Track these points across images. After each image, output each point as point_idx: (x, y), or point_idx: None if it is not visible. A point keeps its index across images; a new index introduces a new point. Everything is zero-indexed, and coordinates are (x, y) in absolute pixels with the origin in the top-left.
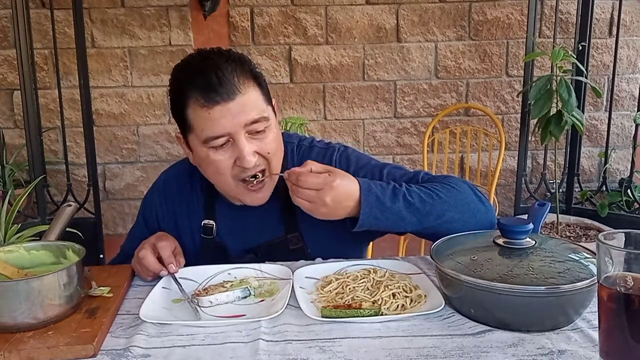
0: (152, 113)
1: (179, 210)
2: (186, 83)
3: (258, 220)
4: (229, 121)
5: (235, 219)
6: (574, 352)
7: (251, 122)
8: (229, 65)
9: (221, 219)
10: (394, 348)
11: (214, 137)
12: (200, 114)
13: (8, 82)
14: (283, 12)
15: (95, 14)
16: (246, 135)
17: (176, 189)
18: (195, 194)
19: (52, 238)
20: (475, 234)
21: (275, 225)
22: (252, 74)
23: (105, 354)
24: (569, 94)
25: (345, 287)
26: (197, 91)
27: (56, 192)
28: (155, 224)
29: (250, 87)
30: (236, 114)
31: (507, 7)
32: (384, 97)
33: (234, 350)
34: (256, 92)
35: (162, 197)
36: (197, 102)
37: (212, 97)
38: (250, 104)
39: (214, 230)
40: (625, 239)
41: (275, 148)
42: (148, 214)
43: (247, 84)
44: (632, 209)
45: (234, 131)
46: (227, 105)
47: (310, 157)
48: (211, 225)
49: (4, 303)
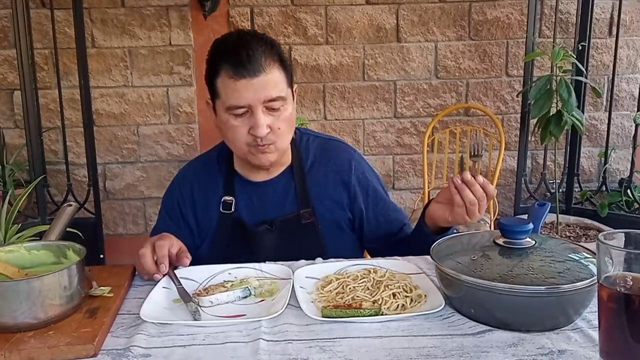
0: (152, 113)
1: (197, 193)
2: (220, 56)
3: (274, 197)
4: (250, 94)
5: (253, 195)
6: (574, 352)
7: (269, 100)
8: (260, 47)
9: (240, 195)
10: (394, 348)
11: (236, 106)
12: (228, 84)
13: (8, 82)
14: (283, 12)
15: (95, 14)
16: (263, 109)
17: (194, 177)
18: (214, 177)
19: (53, 238)
20: (476, 234)
21: (290, 201)
22: (279, 57)
23: (105, 353)
24: (569, 94)
25: (346, 286)
26: (228, 64)
27: (56, 192)
28: (177, 212)
29: (274, 69)
30: (258, 90)
31: (507, 7)
32: (384, 97)
33: (235, 350)
34: (280, 74)
35: (182, 186)
36: (227, 74)
37: (240, 71)
38: (272, 83)
39: (232, 206)
40: (625, 239)
41: (286, 126)
42: (169, 205)
43: (272, 65)
44: (632, 209)
45: (253, 104)
46: (251, 81)
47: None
48: (230, 201)
49: (5, 303)
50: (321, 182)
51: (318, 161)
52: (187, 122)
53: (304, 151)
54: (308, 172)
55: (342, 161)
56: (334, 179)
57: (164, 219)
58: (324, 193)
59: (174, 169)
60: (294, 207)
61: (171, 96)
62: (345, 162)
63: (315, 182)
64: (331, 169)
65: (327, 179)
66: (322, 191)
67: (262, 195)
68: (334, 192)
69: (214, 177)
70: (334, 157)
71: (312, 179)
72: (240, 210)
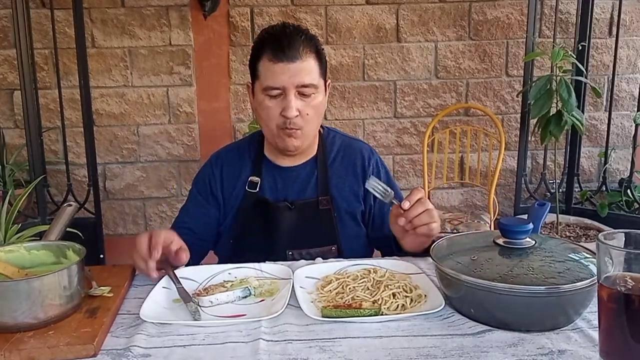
0: (152, 113)
1: (226, 172)
2: (264, 41)
3: (297, 182)
4: (286, 78)
5: (278, 178)
6: (574, 352)
7: (302, 85)
8: (299, 37)
9: (266, 177)
10: (394, 348)
11: (272, 87)
12: (268, 67)
13: (8, 82)
14: (283, 12)
15: (95, 14)
16: (296, 93)
17: (226, 158)
18: (244, 159)
19: (53, 238)
20: (476, 234)
21: (311, 188)
22: (316, 49)
23: (105, 353)
24: (569, 94)
25: (346, 286)
26: (269, 49)
27: (56, 192)
28: (207, 189)
29: (310, 58)
30: (293, 74)
31: (507, 7)
32: (384, 97)
33: (234, 350)
34: (315, 64)
35: (214, 165)
36: (267, 57)
37: (279, 55)
38: (307, 70)
39: (257, 186)
40: (625, 239)
41: (314, 113)
42: (201, 183)
43: (309, 55)
44: (632, 209)
45: (287, 86)
46: (288, 65)
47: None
48: (256, 181)
49: (5, 303)
50: (341, 175)
51: (341, 156)
52: (187, 122)
53: (329, 145)
54: (331, 164)
55: (363, 157)
56: (353, 172)
57: (195, 197)
58: (343, 184)
59: (174, 169)
60: (314, 193)
61: (171, 96)
62: (366, 159)
63: (336, 173)
64: (351, 163)
65: (347, 171)
66: (341, 182)
67: (286, 179)
68: (352, 184)
69: (244, 159)
70: (355, 153)
71: (334, 171)
72: (264, 190)
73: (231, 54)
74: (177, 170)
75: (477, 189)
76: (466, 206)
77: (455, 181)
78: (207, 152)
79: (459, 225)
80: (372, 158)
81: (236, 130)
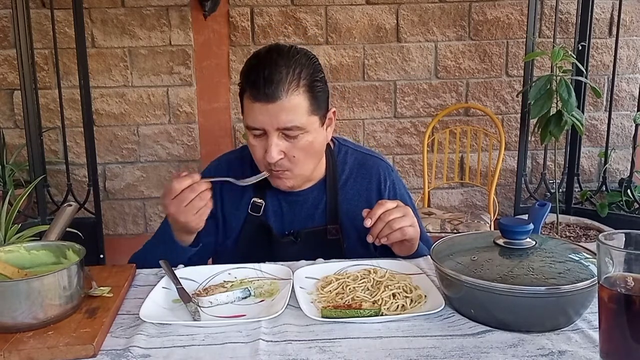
0: (152, 113)
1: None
2: (245, 74)
3: (304, 208)
4: (265, 119)
5: (283, 202)
6: (574, 353)
7: (284, 128)
8: (284, 68)
9: (270, 200)
10: (394, 348)
11: (252, 127)
12: (248, 104)
13: (8, 82)
14: (283, 12)
15: (95, 14)
16: (279, 134)
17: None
18: (247, 175)
19: (53, 238)
20: (476, 234)
21: (319, 214)
22: (307, 81)
23: (105, 354)
24: (569, 94)
25: (346, 287)
26: (248, 85)
27: (56, 192)
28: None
29: (296, 94)
30: (273, 115)
31: (507, 7)
32: (384, 97)
33: (234, 350)
34: (303, 100)
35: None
36: (247, 93)
37: (256, 94)
38: (290, 110)
39: (261, 209)
40: (625, 239)
41: (303, 155)
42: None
43: (294, 92)
44: (632, 209)
45: (267, 129)
46: (266, 106)
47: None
48: (260, 204)
49: (4, 303)
50: (353, 200)
51: (353, 177)
52: (187, 122)
53: (340, 164)
54: (341, 188)
55: (379, 179)
56: (367, 197)
57: None
58: (355, 211)
59: (174, 169)
60: (322, 220)
61: (171, 96)
62: (382, 181)
63: (347, 198)
64: (365, 187)
65: (359, 196)
66: (353, 209)
67: (292, 204)
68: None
69: (247, 175)
70: (369, 174)
71: (344, 195)
72: (268, 216)
73: (231, 54)
74: (177, 170)
75: (477, 189)
76: (466, 206)
77: (455, 181)
78: (207, 152)
79: (459, 226)
80: (387, 179)
81: (236, 130)
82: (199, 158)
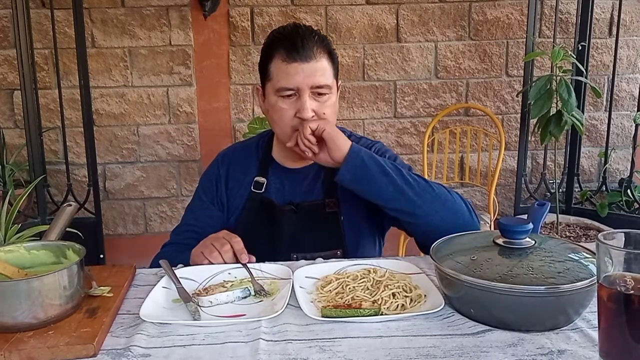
0: (152, 113)
1: (232, 171)
2: (276, 41)
3: (304, 183)
4: (300, 78)
5: (284, 179)
6: (574, 352)
7: (317, 86)
8: (312, 37)
9: (272, 178)
10: (394, 348)
11: (285, 88)
12: (281, 67)
13: (8, 82)
14: (283, 12)
15: (95, 14)
16: (310, 94)
17: (232, 156)
18: (251, 159)
19: (53, 238)
20: (475, 234)
21: (318, 189)
22: (328, 50)
23: (105, 353)
24: (569, 94)
25: (345, 286)
26: (283, 49)
27: (56, 192)
28: (213, 189)
29: (324, 59)
30: (307, 75)
31: (507, 7)
32: (384, 97)
33: (234, 350)
34: (328, 64)
35: (220, 164)
36: (280, 57)
37: (293, 55)
38: (321, 70)
39: (263, 187)
40: (625, 239)
41: (330, 113)
42: (206, 183)
43: (322, 55)
44: (632, 209)
45: (302, 87)
46: (302, 65)
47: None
48: (262, 182)
49: (4, 303)
50: None
51: None
52: (187, 122)
53: None
54: None
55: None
56: None
57: (199, 197)
58: None
59: (174, 169)
60: (320, 194)
61: (171, 96)
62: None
63: None
64: None
65: None
66: None
67: (293, 180)
68: None
69: (251, 158)
70: None
71: None
72: (270, 192)
73: (231, 54)
74: (177, 170)
75: (477, 189)
76: None
77: (455, 181)
78: (207, 152)
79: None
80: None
81: (236, 130)
82: (199, 158)
